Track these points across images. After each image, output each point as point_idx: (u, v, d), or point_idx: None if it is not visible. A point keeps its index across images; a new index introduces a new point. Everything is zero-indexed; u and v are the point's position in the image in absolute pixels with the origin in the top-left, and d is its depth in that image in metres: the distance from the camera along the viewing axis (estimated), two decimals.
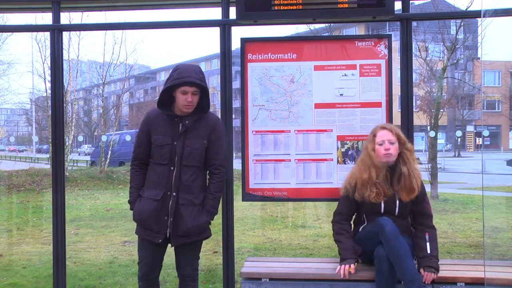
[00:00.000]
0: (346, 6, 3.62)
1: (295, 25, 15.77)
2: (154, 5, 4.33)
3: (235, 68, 4.09)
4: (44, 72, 16.73)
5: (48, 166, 16.19)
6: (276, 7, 3.63)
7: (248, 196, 3.87)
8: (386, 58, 3.77)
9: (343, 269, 3.25)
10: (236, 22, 3.76)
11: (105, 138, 17.99)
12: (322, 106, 3.79)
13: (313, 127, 3.81)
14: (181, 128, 3.14)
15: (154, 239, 3.14)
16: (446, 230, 7.69)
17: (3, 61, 18.95)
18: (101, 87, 19.75)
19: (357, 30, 27.41)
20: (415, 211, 3.42)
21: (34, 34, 16.47)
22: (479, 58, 26.46)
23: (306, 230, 7.97)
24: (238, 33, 3.99)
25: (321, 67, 3.80)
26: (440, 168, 13.78)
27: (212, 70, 38.19)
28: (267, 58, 3.83)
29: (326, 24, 13.26)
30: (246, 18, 3.69)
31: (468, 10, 9.44)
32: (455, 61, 17.01)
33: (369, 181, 3.33)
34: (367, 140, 3.48)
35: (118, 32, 18.60)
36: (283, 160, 3.83)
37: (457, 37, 12.71)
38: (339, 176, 3.76)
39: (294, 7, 3.63)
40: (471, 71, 30.59)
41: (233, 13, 3.78)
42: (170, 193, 3.11)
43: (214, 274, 5.36)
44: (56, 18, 4.01)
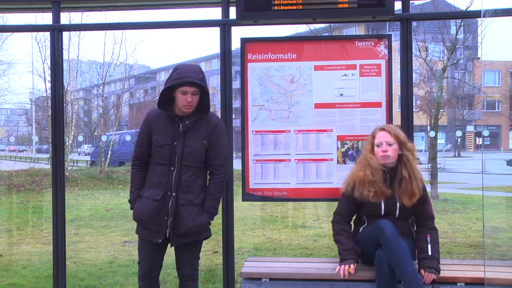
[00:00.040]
0: (346, 6, 3.62)
1: (295, 25, 15.78)
2: (154, 5, 4.33)
3: (235, 68, 4.09)
4: (44, 72, 16.76)
5: (48, 166, 16.19)
6: (276, 7, 3.63)
7: (248, 196, 3.86)
8: (386, 58, 3.77)
9: (343, 269, 3.25)
10: (236, 22, 3.76)
11: (105, 138, 17.98)
12: (322, 106, 3.79)
13: (313, 127, 3.80)
14: (181, 128, 3.14)
15: (154, 239, 3.14)
16: (446, 230, 7.68)
17: (3, 61, 18.98)
18: (101, 87, 19.75)
19: (357, 30, 27.41)
20: (417, 213, 3.41)
21: (34, 34, 16.51)
22: (479, 58, 26.48)
23: (306, 230, 7.97)
24: (238, 33, 4.00)
25: (321, 67, 3.80)
26: (440, 168, 13.78)
27: (212, 70, 38.19)
28: (267, 58, 3.83)
29: (326, 24, 13.26)
30: (246, 18, 3.69)
31: (468, 10, 9.44)
32: (455, 61, 17.01)
33: (365, 179, 3.33)
34: (367, 140, 3.48)
35: (118, 32, 18.65)
36: (283, 160, 3.83)
37: (457, 37, 12.71)
38: (339, 176, 3.76)
39: (294, 7, 3.63)
40: (471, 71, 30.59)
41: (233, 13, 3.79)
42: (170, 193, 3.11)
43: (214, 274, 5.36)
44: (56, 18, 4.01)
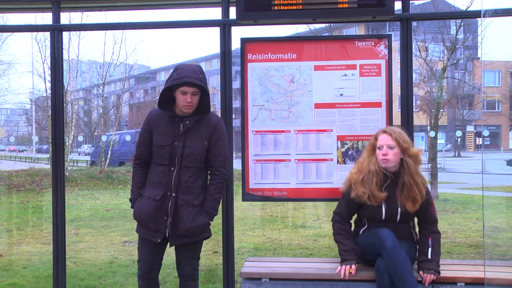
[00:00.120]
0: (346, 6, 3.62)
1: (295, 25, 15.78)
2: (154, 5, 4.33)
3: (235, 68, 4.09)
4: (44, 72, 16.76)
5: (48, 166, 16.19)
6: (276, 7, 3.63)
7: (248, 196, 3.86)
8: (386, 58, 3.77)
9: (344, 269, 3.24)
10: (236, 22, 3.76)
11: (105, 138, 17.98)
12: (322, 106, 3.79)
13: (313, 127, 3.80)
14: (181, 128, 3.14)
15: (153, 239, 3.14)
16: (446, 230, 7.68)
17: (3, 61, 18.99)
18: (101, 87, 19.75)
19: (357, 30, 27.42)
20: (420, 216, 3.38)
21: (34, 34, 16.51)
22: (479, 58, 26.47)
23: (306, 230, 7.97)
24: (238, 33, 4.00)
25: (321, 67, 3.80)
26: (440, 168, 13.78)
27: (212, 70, 38.16)
28: (267, 58, 3.83)
29: (326, 24, 13.26)
30: (246, 18, 3.69)
31: (468, 10, 9.44)
32: (455, 61, 17.00)
33: (359, 180, 3.30)
34: (369, 141, 3.44)
35: (118, 32, 18.65)
36: (283, 160, 3.82)
37: (457, 37, 12.71)
38: (339, 176, 3.76)
39: (294, 7, 3.63)
40: (471, 71, 30.58)
41: (233, 13, 3.78)
42: (170, 193, 3.11)
43: (214, 274, 5.36)
44: (56, 18, 4.01)
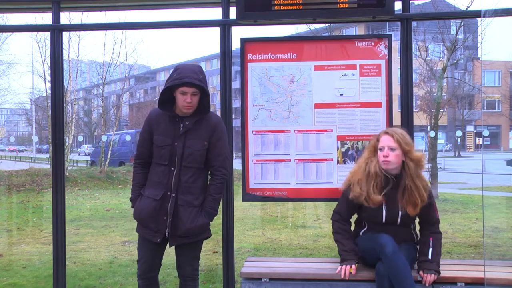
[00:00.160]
0: (346, 6, 3.62)
1: (295, 25, 15.78)
2: (154, 5, 4.33)
3: (235, 68, 4.09)
4: (44, 72, 16.77)
5: (48, 166, 16.19)
6: (276, 7, 3.63)
7: (248, 196, 3.86)
8: (386, 58, 3.77)
9: (344, 269, 3.24)
10: (236, 22, 3.76)
11: (105, 138, 17.99)
12: (322, 106, 3.79)
13: (313, 127, 3.80)
14: (182, 128, 3.13)
15: (153, 238, 3.14)
16: (446, 230, 7.68)
17: (3, 61, 18.99)
18: (101, 87, 19.76)
19: (357, 30, 27.41)
20: (422, 218, 3.36)
21: (34, 34, 16.52)
22: (479, 58, 26.46)
23: (306, 230, 7.97)
24: (238, 33, 4.00)
25: (321, 67, 3.80)
26: (440, 168, 13.79)
27: (212, 70, 38.16)
28: (267, 58, 3.83)
29: (326, 24, 13.26)
30: (246, 18, 3.69)
31: (468, 10, 9.44)
32: (455, 61, 17.01)
33: (357, 179, 3.28)
34: (371, 141, 3.42)
35: (118, 32, 18.66)
36: (283, 160, 3.82)
37: (457, 37, 12.71)
38: (339, 176, 3.76)
39: (294, 7, 3.62)
40: (471, 71, 30.58)
41: (233, 13, 3.78)
42: (170, 193, 3.11)
43: (214, 274, 5.36)
44: (56, 18, 4.01)
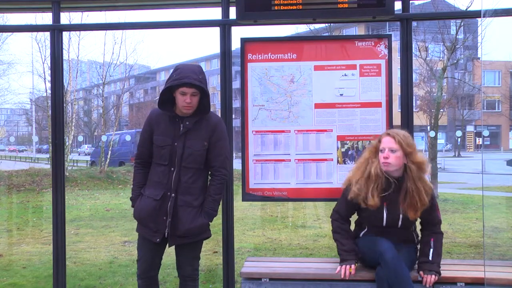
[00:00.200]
0: (346, 6, 3.62)
1: (295, 25, 15.77)
2: (154, 5, 4.33)
3: (235, 68, 4.09)
4: (44, 72, 16.77)
5: (48, 166, 16.19)
6: (276, 7, 3.63)
7: (248, 196, 3.86)
8: (386, 58, 3.77)
9: (344, 269, 3.24)
10: (236, 22, 3.76)
11: (105, 138, 17.99)
12: (322, 106, 3.79)
13: (313, 127, 3.80)
14: (182, 129, 3.13)
15: (152, 238, 3.14)
16: (446, 230, 7.67)
17: (3, 61, 18.98)
18: (101, 87, 19.76)
19: (357, 30, 27.40)
20: (424, 219, 3.34)
21: (34, 34, 16.51)
22: (479, 58, 26.44)
23: (306, 230, 7.97)
24: (238, 33, 4.00)
25: (321, 67, 3.80)
26: (440, 168, 13.80)
27: (212, 70, 38.15)
28: (267, 58, 3.83)
29: (326, 24, 13.25)
30: (246, 18, 3.69)
31: (468, 10, 9.43)
32: (455, 61, 17.00)
33: (356, 180, 3.26)
34: (373, 142, 3.39)
35: (118, 32, 18.66)
36: (283, 160, 3.82)
37: (457, 37, 12.70)
38: (339, 176, 3.76)
39: (294, 7, 3.63)
40: (471, 71, 30.57)
41: (233, 13, 3.78)
42: (169, 193, 3.11)
43: (214, 274, 5.36)
44: (56, 18, 4.01)
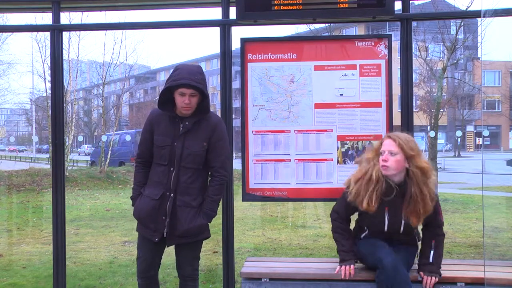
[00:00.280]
0: (346, 6, 3.62)
1: (295, 25, 15.79)
2: (154, 5, 4.33)
3: (235, 68, 4.09)
4: (44, 72, 16.79)
5: (48, 166, 16.19)
6: (276, 7, 3.63)
7: (248, 196, 3.86)
8: (386, 58, 3.77)
9: (344, 269, 3.23)
10: (236, 22, 3.76)
11: (105, 138, 18.00)
12: (322, 106, 3.79)
13: (313, 127, 3.80)
14: (181, 129, 3.13)
15: (152, 238, 3.15)
16: (446, 230, 7.57)
17: (3, 61, 19.01)
18: (101, 87, 19.77)
19: (357, 30, 27.41)
20: (426, 221, 3.32)
21: (34, 34, 16.55)
22: (479, 58, 26.48)
23: (306, 230, 7.97)
24: (238, 33, 4.00)
25: (321, 67, 3.80)
26: (440, 168, 13.82)
27: (212, 70, 38.15)
28: (267, 58, 3.82)
29: (326, 24, 13.27)
30: (246, 18, 3.69)
31: (468, 10, 9.45)
32: (455, 61, 17.04)
33: (355, 182, 3.21)
34: (376, 143, 3.34)
35: (118, 32, 18.70)
36: (283, 160, 3.82)
37: (457, 37, 12.73)
38: (339, 176, 3.76)
39: (294, 7, 3.62)
40: (471, 71, 30.59)
41: (233, 13, 3.78)
42: (168, 193, 3.12)
43: (214, 274, 5.36)
44: (56, 18, 4.00)
